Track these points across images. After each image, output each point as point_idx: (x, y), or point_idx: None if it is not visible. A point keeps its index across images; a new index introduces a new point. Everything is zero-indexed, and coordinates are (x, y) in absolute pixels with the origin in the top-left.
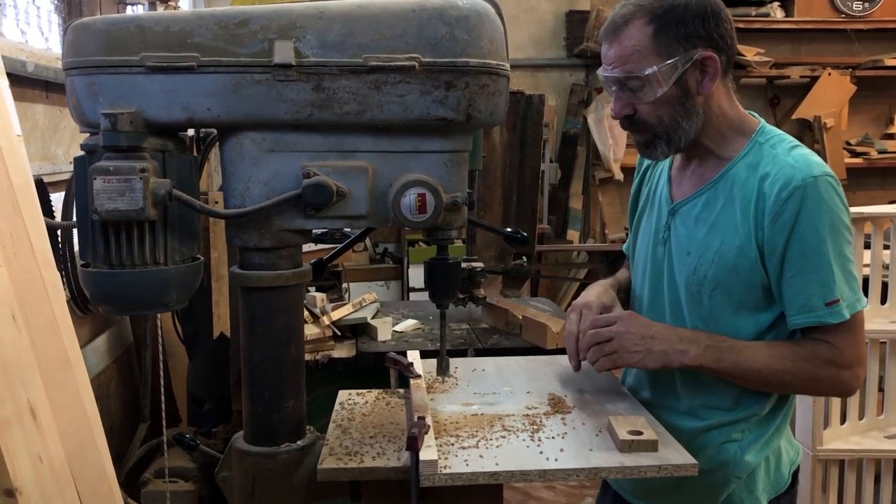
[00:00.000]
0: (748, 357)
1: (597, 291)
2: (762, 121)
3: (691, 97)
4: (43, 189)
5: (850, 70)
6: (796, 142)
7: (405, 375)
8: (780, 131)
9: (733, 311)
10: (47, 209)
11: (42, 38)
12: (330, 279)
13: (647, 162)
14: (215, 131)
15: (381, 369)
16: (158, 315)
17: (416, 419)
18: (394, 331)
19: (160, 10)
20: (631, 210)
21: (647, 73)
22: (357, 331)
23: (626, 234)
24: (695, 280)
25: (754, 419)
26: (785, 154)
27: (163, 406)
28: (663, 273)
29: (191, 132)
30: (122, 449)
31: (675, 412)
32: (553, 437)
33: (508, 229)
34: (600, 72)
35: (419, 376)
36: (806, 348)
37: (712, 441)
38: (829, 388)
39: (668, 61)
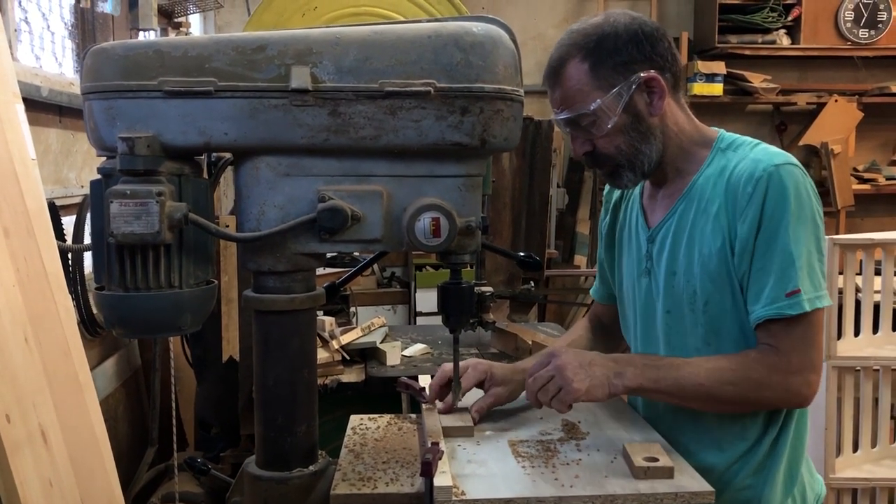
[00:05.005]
0: (689, 372)
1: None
2: (721, 130)
3: (644, 120)
4: (55, 212)
5: (857, 97)
6: (758, 141)
7: (417, 400)
8: (739, 135)
9: (734, 324)
10: (59, 233)
11: (56, 63)
12: (338, 303)
13: (614, 198)
14: (227, 155)
15: (390, 394)
16: (169, 338)
17: (429, 445)
18: (403, 355)
19: (172, 35)
20: (606, 249)
21: (592, 107)
22: (366, 355)
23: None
24: (686, 298)
25: (762, 447)
26: (748, 151)
27: (174, 430)
28: (653, 303)
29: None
30: (130, 473)
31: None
32: (568, 464)
33: (521, 253)
34: (552, 116)
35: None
36: (749, 356)
37: (735, 477)
38: (778, 396)
39: (611, 91)
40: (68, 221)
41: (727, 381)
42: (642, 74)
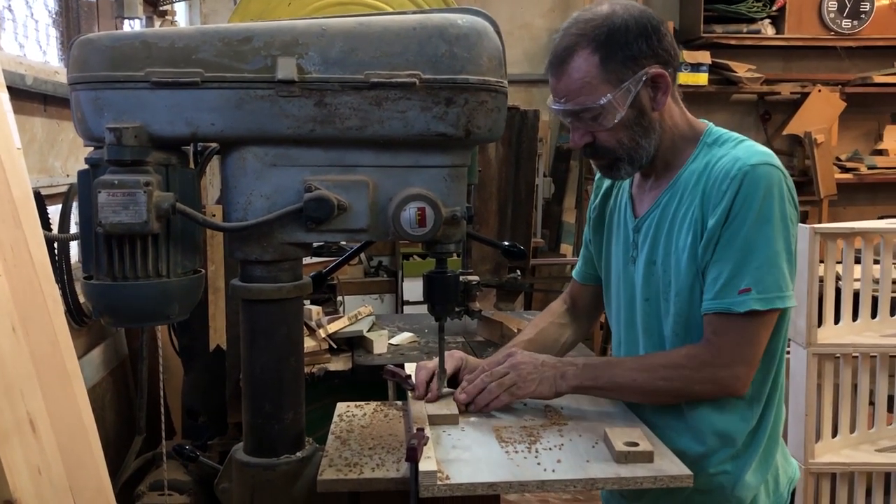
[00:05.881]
0: (625, 369)
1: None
2: (709, 124)
3: (647, 115)
4: (41, 202)
5: (840, 87)
6: (744, 137)
7: (403, 387)
8: (727, 131)
9: (701, 316)
10: (45, 222)
11: (40, 51)
12: (325, 292)
13: (605, 185)
14: (213, 144)
15: (377, 382)
16: (157, 327)
17: (415, 430)
18: (389, 344)
19: (157, 24)
20: (593, 232)
21: (601, 102)
22: (353, 344)
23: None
24: (662, 287)
25: (742, 434)
26: (731, 148)
27: (162, 418)
28: (635, 291)
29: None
30: (117, 461)
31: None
32: (550, 449)
33: (506, 243)
34: (551, 105)
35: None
36: (681, 352)
37: (710, 462)
38: (707, 389)
39: (621, 87)
40: (54, 210)
41: (659, 377)
42: (650, 70)
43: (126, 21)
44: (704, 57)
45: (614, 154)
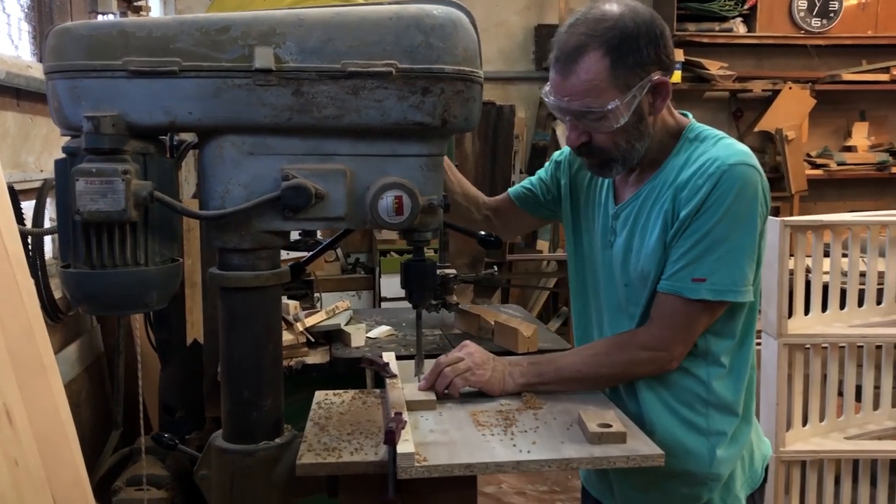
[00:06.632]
0: (567, 363)
1: None
2: (691, 119)
3: (644, 120)
4: (14, 197)
5: (810, 84)
6: (724, 134)
7: (381, 375)
8: (708, 127)
9: None
10: (19, 217)
11: (12, 45)
12: (302, 288)
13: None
14: (188, 139)
15: (355, 375)
16: (134, 321)
17: (393, 415)
18: (367, 337)
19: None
20: (559, 189)
21: (609, 107)
22: (331, 337)
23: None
24: (639, 275)
25: (712, 409)
26: (711, 146)
27: (140, 412)
28: (614, 275)
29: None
30: (94, 457)
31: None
32: (526, 431)
33: (482, 232)
34: (550, 99)
35: (395, 376)
36: (622, 337)
37: (681, 438)
38: (647, 370)
39: (628, 93)
40: (27, 206)
41: (602, 365)
42: (654, 78)
43: (100, 16)
44: (678, 55)
45: (609, 155)
